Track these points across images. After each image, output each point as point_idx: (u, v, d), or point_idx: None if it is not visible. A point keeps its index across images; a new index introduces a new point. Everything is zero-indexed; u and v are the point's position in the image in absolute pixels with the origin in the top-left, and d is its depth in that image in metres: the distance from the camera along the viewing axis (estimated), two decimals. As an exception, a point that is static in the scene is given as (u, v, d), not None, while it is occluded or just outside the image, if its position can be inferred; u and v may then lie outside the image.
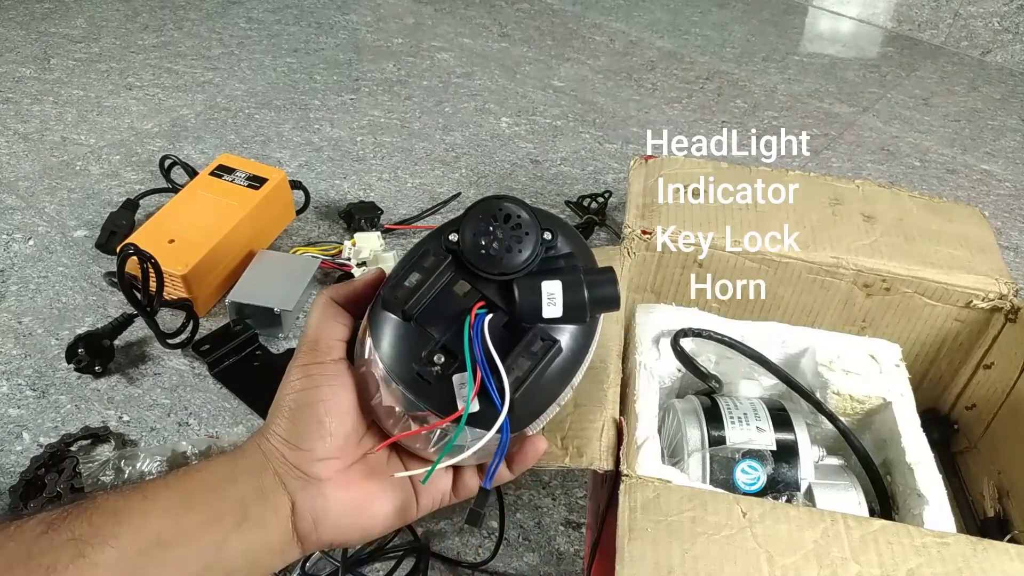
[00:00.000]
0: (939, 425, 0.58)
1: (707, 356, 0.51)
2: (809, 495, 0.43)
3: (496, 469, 0.33)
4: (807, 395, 0.47)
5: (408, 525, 0.56)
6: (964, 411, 0.57)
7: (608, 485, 0.43)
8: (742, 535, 0.36)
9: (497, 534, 0.56)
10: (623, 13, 1.41)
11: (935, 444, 0.49)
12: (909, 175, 1.03)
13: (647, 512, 0.37)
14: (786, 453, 0.44)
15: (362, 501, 0.32)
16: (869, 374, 0.48)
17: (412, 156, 0.99)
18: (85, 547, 0.27)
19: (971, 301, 0.54)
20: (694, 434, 0.45)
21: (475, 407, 0.31)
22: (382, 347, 0.32)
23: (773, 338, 0.51)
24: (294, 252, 0.79)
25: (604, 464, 0.41)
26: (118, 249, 0.66)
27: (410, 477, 0.34)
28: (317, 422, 0.32)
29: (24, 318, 0.72)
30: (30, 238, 0.82)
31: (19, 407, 0.65)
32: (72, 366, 0.66)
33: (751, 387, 0.50)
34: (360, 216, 0.83)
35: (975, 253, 0.56)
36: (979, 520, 0.52)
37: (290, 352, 0.60)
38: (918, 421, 0.47)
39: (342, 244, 0.79)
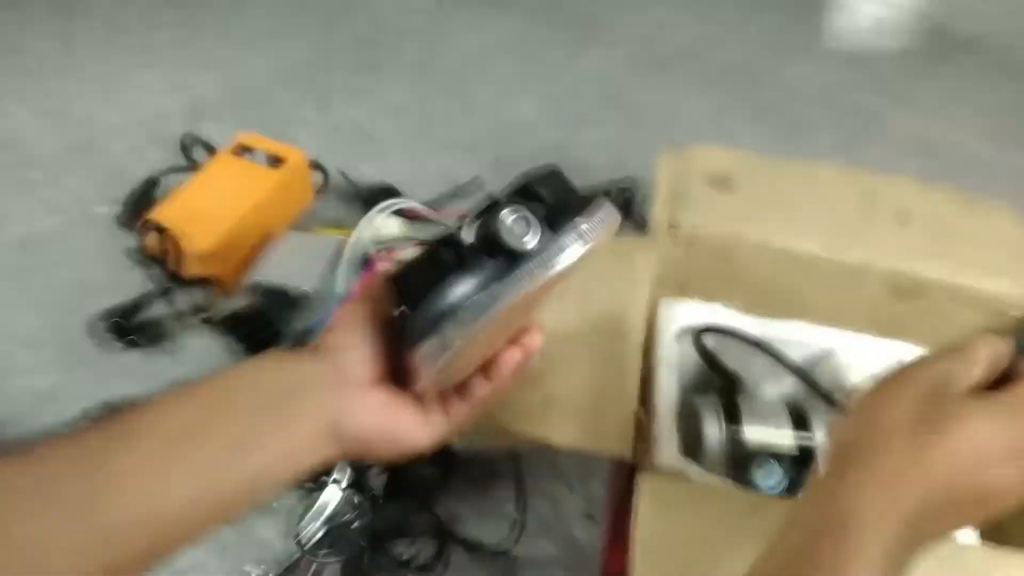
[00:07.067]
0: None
1: (729, 353, 0.50)
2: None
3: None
4: (827, 397, 0.46)
5: (430, 509, 0.57)
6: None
7: (626, 477, 0.43)
8: (758, 531, 0.36)
9: (517, 521, 0.56)
10: (650, 0, 1.38)
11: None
12: (943, 170, 1.00)
13: (664, 505, 0.37)
14: (805, 454, 0.44)
15: (389, 402, 0.35)
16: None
17: (432, 140, 0.98)
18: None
19: (1005, 309, 0.52)
20: (713, 430, 0.45)
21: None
22: None
23: (796, 337, 0.50)
24: (319, 232, 0.79)
25: (623, 456, 0.40)
26: (140, 226, 0.66)
27: (433, 401, 0.36)
28: (364, 331, 0.34)
29: (47, 293, 0.73)
30: (54, 214, 0.82)
31: (43, 381, 0.65)
32: (111, 336, 0.67)
33: (772, 386, 0.49)
34: (380, 199, 0.82)
35: (1011, 255, 0.54)
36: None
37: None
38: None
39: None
